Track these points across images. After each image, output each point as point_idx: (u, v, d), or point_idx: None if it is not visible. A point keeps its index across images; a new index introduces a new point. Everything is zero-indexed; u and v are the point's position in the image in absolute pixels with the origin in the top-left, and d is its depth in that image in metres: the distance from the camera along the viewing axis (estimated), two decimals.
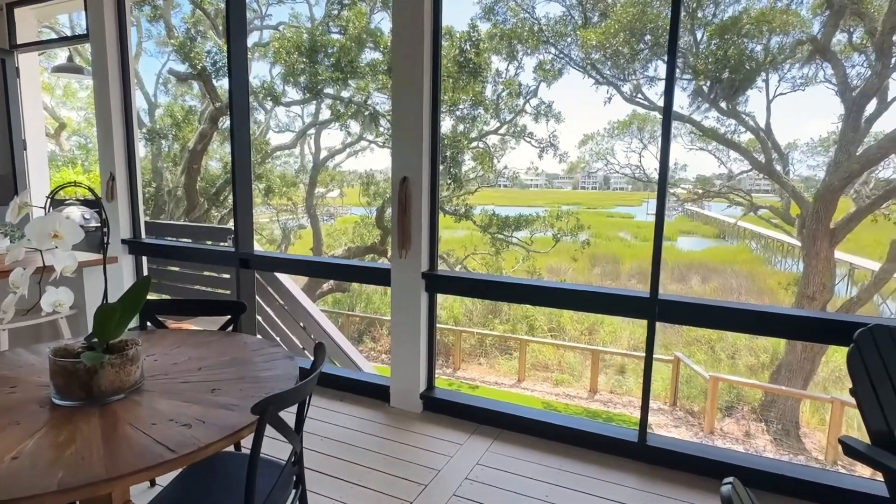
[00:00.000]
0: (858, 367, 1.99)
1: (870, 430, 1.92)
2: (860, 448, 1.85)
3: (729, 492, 1.05)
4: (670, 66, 2.59)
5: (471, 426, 3.16)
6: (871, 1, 8.15)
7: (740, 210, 12.95)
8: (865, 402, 1.95)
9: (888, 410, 1.94)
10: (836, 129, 8.97)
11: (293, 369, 1.85)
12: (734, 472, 2.60)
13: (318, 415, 3.30)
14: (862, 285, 10.20)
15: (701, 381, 10.05)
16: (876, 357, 2.01)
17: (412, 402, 3.35)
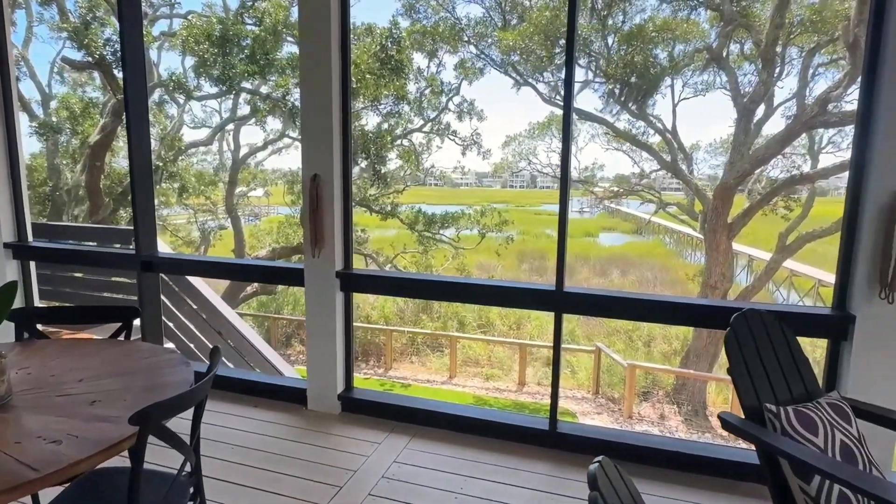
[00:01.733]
0: (734, 349, 2.17)
1: (743, 405, 2.10)
2: (735, 422, 2.02)
3: (595, 470, 1.11)
4: (568, 72, 2.71)
5: (389, 425, 3.16)
6: (757, 15, 8.96)
7: (652, 207, 13.80)
8: (739, 380, 2.13)
9: (759, 386, 2.13)
10: (731, 132, 9.80)
11: (188, 375, 1.76)
12: (636, 452, 2.78)
13: (230, 423, 3.17)
14: (756, 275, 11.18)
15: (620, 370, 10.62)
16: (749, 338, 2.20)
17: (330, 404, 3.29)
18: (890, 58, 2.23)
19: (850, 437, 1.99)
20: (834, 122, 8.42)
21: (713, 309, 2.71)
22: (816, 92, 8.70)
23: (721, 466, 2.65)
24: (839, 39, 7.97)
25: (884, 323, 2.35)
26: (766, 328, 2.25)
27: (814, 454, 1.88)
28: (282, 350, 13.88)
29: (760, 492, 2.52)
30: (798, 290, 18.07)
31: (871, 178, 2.31)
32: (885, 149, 2.27)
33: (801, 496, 1.88)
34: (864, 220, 2.35)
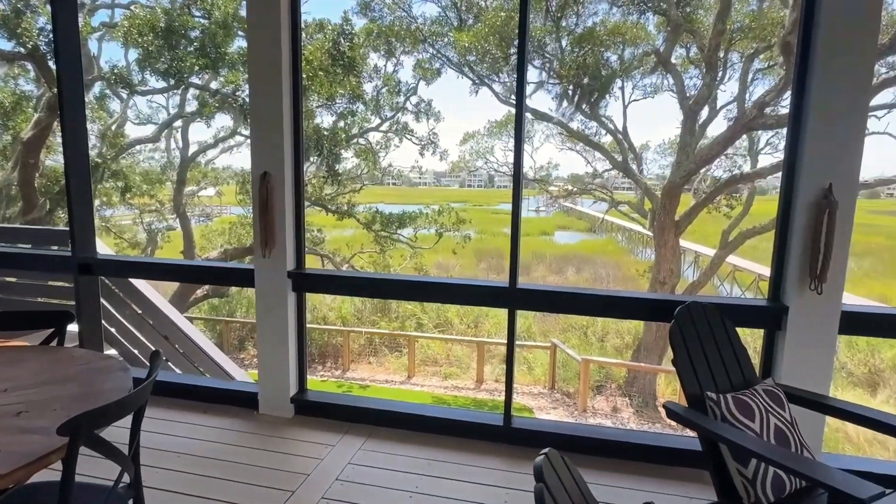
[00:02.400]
0: (677, 340, 2.26)
1: (686, 394, 2.19)
2: (679, 411, 2.10)
3: (540, 463, 1.13)
4: (520, 73, 2.74)
5: (344, 426, 3.11)
6: (701, 21, 9.36)
7: (605, 205, 14.20)
8: (683, 371, 2.21)
9: (701, 376, 2.22)
10: (678, 133, 10.20)
11: (127, 382, 1.68)
12: (587, 444, 2.85)
13: (176, 430, 3.05)
14: (702, 270, 11.68)
15: (575, 365, 10.86)
16: (691, 330, 2.29)
17: (282, 407, 3.22)
18: (818, 64, 2.36)
19: (784, 422, 2.10)
20: (771, 125, 8.90)
21: (660, 302, 2.80)
22: (755, 95, 9.20)
23: (666, 454, 2.75)
24: (775, 46, 8.44)
25: (813, 313, 2.49)
26: (707, 320, 2.35)
27: (751, 439, 1.98)
28: (235, 354, 13.49)
29: (702, 476, 2.62)
30: (740, 285, 18.99)
31: (802, 177, 2.45)
32: (814, 150, 2.41)
33: (739, 479, 1.97)
34: (796, 217, 2.48)
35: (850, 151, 2.38)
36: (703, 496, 2.48)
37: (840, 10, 2.30)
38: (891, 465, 2.60)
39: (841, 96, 2.35)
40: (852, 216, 2.43)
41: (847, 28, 2.31)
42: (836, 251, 2.41)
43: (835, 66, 2.34)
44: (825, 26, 2.32)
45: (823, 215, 2.43)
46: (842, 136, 2.37)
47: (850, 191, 2.40)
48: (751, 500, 1.93)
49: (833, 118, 2.37)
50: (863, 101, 2.36)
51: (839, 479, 1.63)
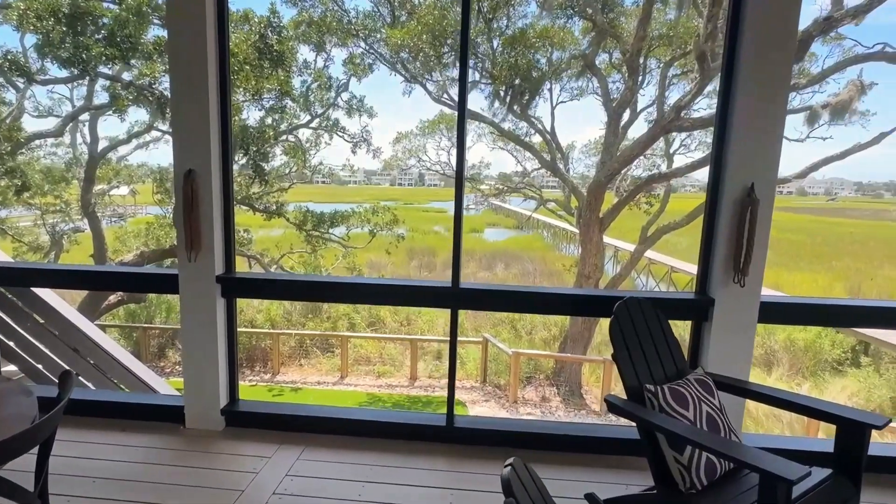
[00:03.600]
0: (617, 335, 2.33)
1: (626, 386, 2.26)
2: (619, 404, 2.16)
3: (508, 475, 1.10)
4: (462, 73, 2.72)
5: (280, 436, 2.96)
6: (624, 27, 9.84)
7: (534, 203, 14.60)
8: (622, 364, 2.28)
9: (638, 368, 2.30)
10: (602, 134, 10.67)
11: (30, 408, 1.48)
12: (528, 439, 2.89)
13: (91, 452, 2.76)
14: (622, 264, 12.31)
15: (505, 357, 11.11)
16: (629, 324, 2.37)
17: (212, 420, 3.01)
18: (742, 74, 2.52)
19: (714, 408, 2.22)
20: (686, 127, 9.53)
21: (598, 298, 2.89)
22: (672, 100, 9.81)
23: (605, 444, 2.85)
24: (690, 53, 9.03)
25: (737, 304, 2.66)
26: (643, 314, 2.44)
27: (685, 427, 2.07)
28: (154, 362, 12.60)
29: (638, 463, 2.73)
30: (655, 277, 20.27)
31: (727, 177, 2.61)
32: (738, 149, 2.57)
33: (675, 466, 2.06)
34: (722, 214, 2.64)
35: (769, 153, 2.56)
36: (640, 483, 2.57)
37: (761, 24, 2.47)
38: (802, 441, 2.84)
39: (761, 103, 2.52)
40: (770, 213, 2.61)
41: (767, 41, 2.47)
42: (757, 246, 2.59)
43: (756, 76, 2.50)
44: (748, 40, 2.49)
45: (746, 213, 2.59)
46: (762, 139, 2.55)
47: (769, 189, 2.58)
48: (686, 485, 2.02)
49: (754, 123, 2.54)
50: (780, 108, 2.55)
51: (769, 462, 1.74)
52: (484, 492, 2.53)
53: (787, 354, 12.73)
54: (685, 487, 2.02)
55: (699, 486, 2.01)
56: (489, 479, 2.61)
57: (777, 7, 2.44)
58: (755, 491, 1.94)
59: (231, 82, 2.92)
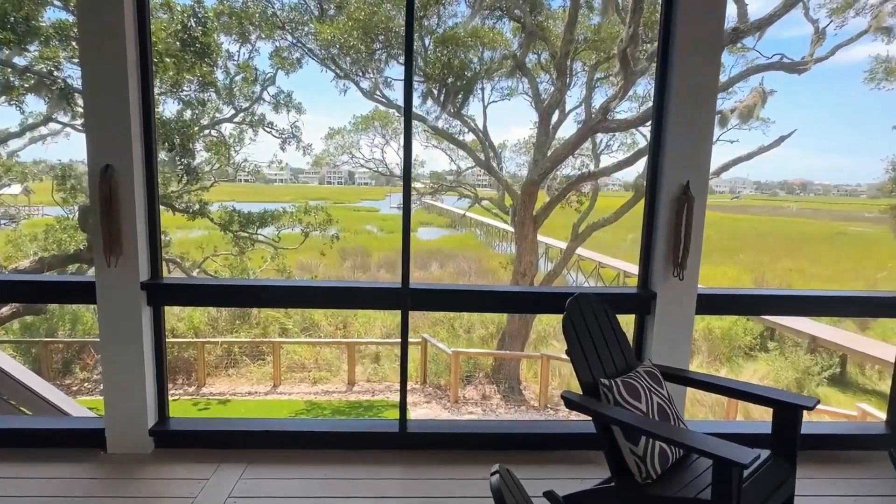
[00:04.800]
0: (570, 331, 2.34)
1: (581, 382, 2.28)
2: (576, 400, 2.18)
3: (498, 483, 1.06)
4: (408, 70, 2.64)
5: (219, 454, 2.74)
6: (551, 30, 10.14)
7: (467, 202, 14.73)
8: (576, 360, 2.30)
9: (592, 363, 2.33)
10: (533, 134, 10.94)
11: None
12: (483, 440, 2.86)
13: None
14: (556, 261, 12.71)
15: (445, 357, 11.12)
16: (581, 321, 2.40)
17: (138, 443, 2.74)
18: (674, 76, 2.62)
19: (663, 399, 2.29)
20: (613, 128, 9.98)
21: (546, 295, 2.91)
22: (598, 102, 10.25)
23: (560, 440, 2.88)
24: (614, 58, 9.45)
25: (677, 297, 2.77)
26: (593, 310, 2.47)
27: (641, 419, 2.12)
28: (59, 380, 11.46)
29: (594, 457, 2.78)
30: (584, 273, 21.15)
31: (664, 174, 2.70)
32: (673, 150, 2.67)
33: (631, 458, 2.10)
34: (660, 212, 2.74)
35: (701, 152, 2.69)
36: (596, 476, 2.61)
37: (690, 33, 2.59)
38: (740, 426, 3.01)
39: (692, 106, 2.64)
40: (704, 210, 2.74)
41: (695, 49, 2.60)
42: (693, 241, 2.71)
43: (686, 81, 2.62)
44: (678, 48, 2.60)
45: (683, 209, 2.70)
46: (694, 140, 2.67)
47: (702, 187, 2.71)
48: (642, 475, 2.07)
49: (686, 124, 2.65)
50: (709, 111, 2.69)
51: (722, 448, 1.80)
52: (443, 497, 2.47)
53: (705, 343, 13.72)
54: (641, 478, 2.06)
55: (654, 476, 2.06)
56: (447, 484, 2.55)
57: (703, 17, 2.57)
58: (706, 475, 2.01)
59: (153, 70, 2.66)
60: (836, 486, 2.69)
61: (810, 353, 12.97)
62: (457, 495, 2.47)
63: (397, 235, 17.51)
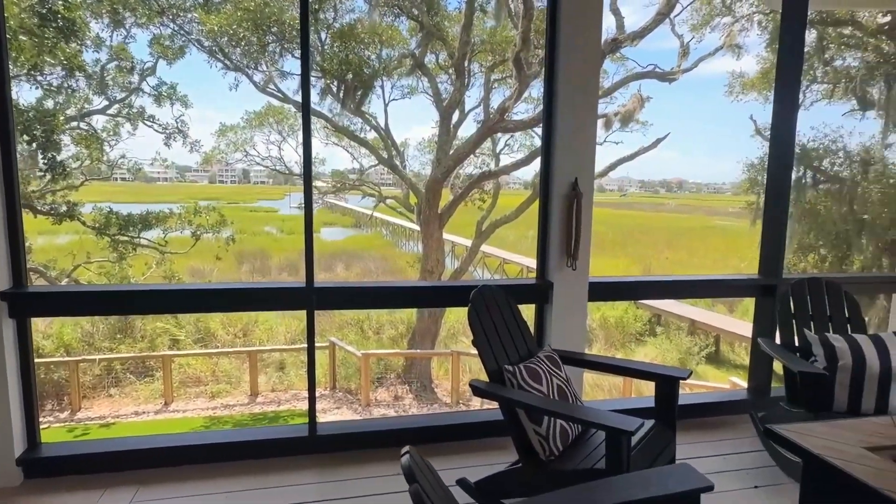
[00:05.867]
0: (475, 322, 2.42)
1: (487, 370, 2.37)
2: (482, 387, 2.26)
3: (408, 462, 1.08)
4: (304, 65, 2.57)
5: (104, 479, 2.49)
6: (448, 30, 10.34)
7: (372, 201, 14.59)
8: (482, 349, 2.39)
9: (496, 351, 2.43)
10: (435, 133, 11.09)
11: None
12: (394, 436, 2.87)
13: None
14: (462, 258, 12.99)
15: (355, 360, 10.93)
16: (485, 311, 2.49)
17: (3, 474, 2.41)
18: (561, 81, 2.81)
19: (562, 381, 2.45)
20: (510, 129, 10.40)
21: (455, 289, 2.99)
22: (495, 103, 10.62)
23: (470, 430, 2.97)
24: (509, 61, 9.85)
25: (571, 286, 2.97)
26: (496, 301, 2.58)
27: (542, 400, 2.25)
28: None
29: (502, 444, 2.90)
30: (489, 269, 21.84)
31: (555, 172, 2.88)
32: (562, 150, 2.86)
33: (535, 438, 2.22)
34: (553, 207, 2.92)
35: (587, 152, 2.90)
36: (505, 460, 2.73)
37: (572, 41, 2.79)
38: (629, 402, 3.29)
39: (578, 110, 2.85)
40: (591, 205, 2.96)
41: (578, 55, 2.80)
42: (583, 233, 2.92)
43: (571, 85, 2.82)
44: (563, 54, 2.79)
45: (573, 204, 2.91)
46: (580, 140, 2.88)
47: (589, 184, 2.93)
48: (546, 453, 2.20)
49: (573, 125, 2.86)
50: (592, 112, 2.91)
51: (612, 419, 1.98)
52: (358, 497, 2.45)
53: (601, 331, 14.80)
54: (545, 455, 2.19)
55: (557, 452, 2.20)
56: (362, 484, 2.53)
57: (584, 27, 2.78)
58: (602, 447, 2.19)
59: (7, 49, 2.36)
60: (709, 446, 3.04)
61: (690, 335, 14.52)
62: (372, 493, 2.46)
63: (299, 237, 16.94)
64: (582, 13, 2.76)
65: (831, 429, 1.88)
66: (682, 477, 1.47)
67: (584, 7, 2.76)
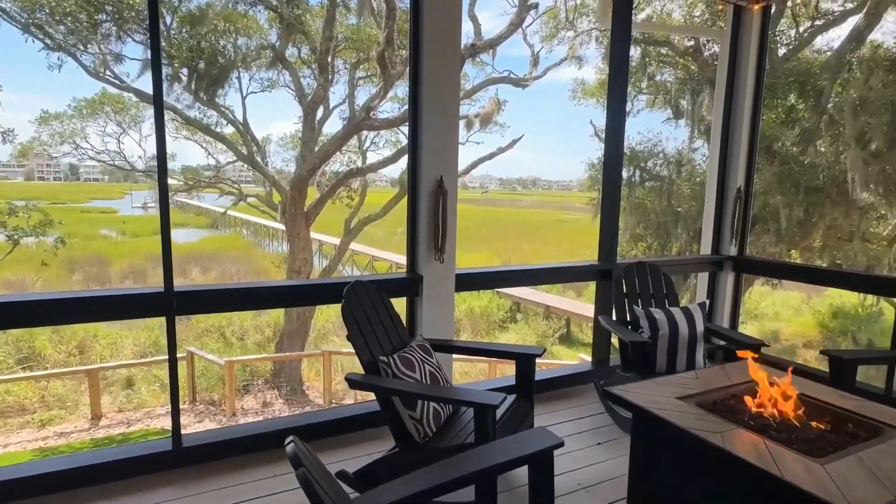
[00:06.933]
0: (349, 317, 2.48)
1: (363, 362, 2.44)
2: (358, 379, 2.34)
3: (294, 451, 1.12)
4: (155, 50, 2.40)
5: None
6: (311, 24, 10.05)
7: (230, 199, 13.67)
8: (356, 342, 2.46)
9: (371, 344, 2.51)
10: (299, 129, 10.72)
11: None
12: (270, 437, 2.81)
13: None
14: (330, 256, 12.77)
15: (217, 369, 10.22)
16: (358, 306, 2.56)
17: None
18: (425, 83, 2.97)
19: (433, 367, 2.61)
20: (376, 126, 10.44)
21: (328, 286, 3.00)
22: (361, 100, 10.59)
23: (348, 424, 3.01)
24: (373, 59, 9.88)
25: (439, 278, 3.15)
26: (369, 296, 2.66)
27: (415, 385, 2.39)
28: None
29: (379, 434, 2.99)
30: (358, 267, 21.70)
31: (422, 170, 3.04)
32: (428, 149, 3.03)
33: (410, 422, 2.36)
34: (421, 204, 3.07)
35: (451, 151, 3.10)
36: (383, 449, 2.82)
37: (435, 44, 2.95)
38: (493, 382, 3.57)
39: (441, 110, 3.03)
40: (456, 201, 3.17)
41: (440, 58, 2.98)
42: (449, 228, 3.12)
43: (435, 87, 3.00)
44: (426, 57, 2.95)
45: (439, 201, 3.09)
46: (444, 140, 3.07)
47: (453, 181, 3.13)
48: (420, 436, 2.34)
49: (437, 126, 3.04)
50: (454, 114, 3.12)
51: (477, 395, 2.19)
52: None
53: (468, 321, 15.56)
54: (420, 438, 2.33)
55: (431, 434, 2.35)
56: (234, 491, 2.46)
57: (445, 30, 2.96)
58: (472, 423, 2.40)
59: None
60: (561, 414, 3.44)
61: (546, 320, 15.91)
62: (247, 498, 2.40)
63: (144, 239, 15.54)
64: (443, 16, 2.93)
65: (652, 385, 2.27)
66: (538, 438, 1.69)
67: (445, 10, 2.93)
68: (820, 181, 8.96)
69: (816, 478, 1.49)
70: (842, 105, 8.53)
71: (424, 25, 2.91)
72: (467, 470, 1.53)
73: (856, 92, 8.29)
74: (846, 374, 2.79)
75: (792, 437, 1.78)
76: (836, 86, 8.66)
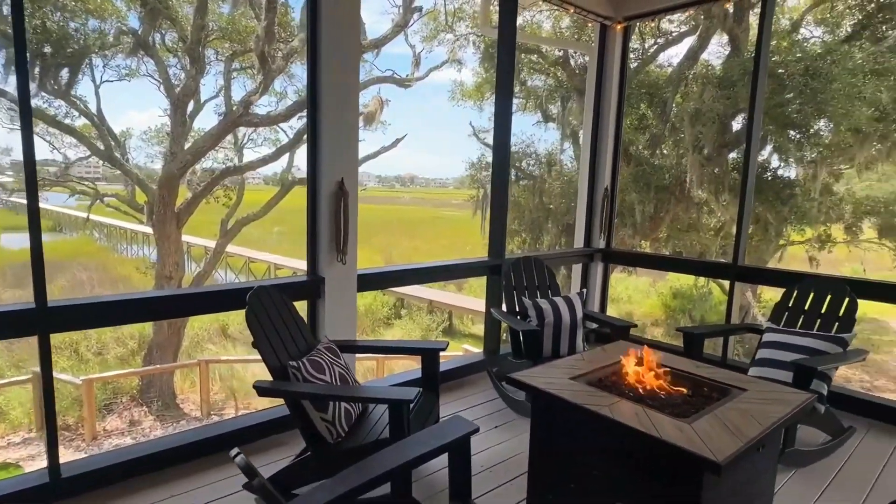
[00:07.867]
0: (254, 323, 2.42)
1: (270, 368, 2.40)
2: (266, 385, 2.30)
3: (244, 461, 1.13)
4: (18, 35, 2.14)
5: None
6: (178, 9, 9.23)
7: (81, 199, 12.08)
8: (263, 348, 2.41)
9: (278, 349, 2.48)
10: (165, 122, 9.81)
11: None
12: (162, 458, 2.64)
13: None
14: (204, 260, 11.87)
15: (72, 389, 9.06)
16: (262, 311, 2.50)
17: None
18: (323, 83, 2.97)
19: (342, 368, 2.64)
20: (256, 123, 9.90)
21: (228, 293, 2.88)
22: (238, 94, 9.96)
23: (246, 434, 2.92)
24: (252, 53, 9.36)
25: (342, 279, 3.17)
26: (272, 300, 2.62)
27: (328, 388, 2.41)
28: None
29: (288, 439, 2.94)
30: (233, 269, 20.40)
31: (322, 172, 3.04)
32: (328, 152, 3.03)
33: (322, 424, 2.37)
34: (321, 206, 3.06)
35: (351, 154, 3.13)
36: (290, 454, 2.79)
37: (333, 42, 2.97)
38: (399, 377, 3.67)
39: (341, 108, 3.06)
40: (357, 202, 3.21)
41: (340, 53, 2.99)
42: (350, 230, 3.15)
43: (333, 89, 3.01)
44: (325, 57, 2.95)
45: (340, 203, 3.11)
46: (345, 145, 3.09)
47: (354, 183, 3.17)
48: (333, 437, 2.37)
49: (339, 130, 3.05)
50: (355, 112, 3.16)
51: (392, 392, 2.28)
52: None
53: None
54: (333, 439, 2.36)
55: (343, 433, 2.39)
56: None
57: (343, 26, 2.98)
58: (383, 419, 2.48)
59: None
60: (460, 402, 3.64)
61: (430, 314, 16.31)
62: None
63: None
64: (342, 14, 2.94)
65: (547, 369, 2.53)
66: (455, 427, 1.82)
67: (343, 8, 2.94)
68: (666, 180, 10.30)
69: (686, 436, 1.81)
70: (682, 115, 9.89)
71: (323, 20, 2.90)
72: (393, 463, 1.60)
73: (692, 104, 9.68)
74: (696, 347, 3.32)
75: (664, 403, 2.12)
76: (678, 98, 10.02)
